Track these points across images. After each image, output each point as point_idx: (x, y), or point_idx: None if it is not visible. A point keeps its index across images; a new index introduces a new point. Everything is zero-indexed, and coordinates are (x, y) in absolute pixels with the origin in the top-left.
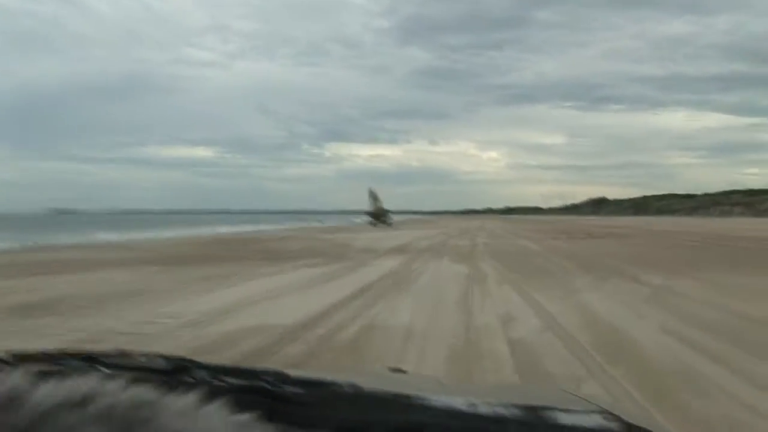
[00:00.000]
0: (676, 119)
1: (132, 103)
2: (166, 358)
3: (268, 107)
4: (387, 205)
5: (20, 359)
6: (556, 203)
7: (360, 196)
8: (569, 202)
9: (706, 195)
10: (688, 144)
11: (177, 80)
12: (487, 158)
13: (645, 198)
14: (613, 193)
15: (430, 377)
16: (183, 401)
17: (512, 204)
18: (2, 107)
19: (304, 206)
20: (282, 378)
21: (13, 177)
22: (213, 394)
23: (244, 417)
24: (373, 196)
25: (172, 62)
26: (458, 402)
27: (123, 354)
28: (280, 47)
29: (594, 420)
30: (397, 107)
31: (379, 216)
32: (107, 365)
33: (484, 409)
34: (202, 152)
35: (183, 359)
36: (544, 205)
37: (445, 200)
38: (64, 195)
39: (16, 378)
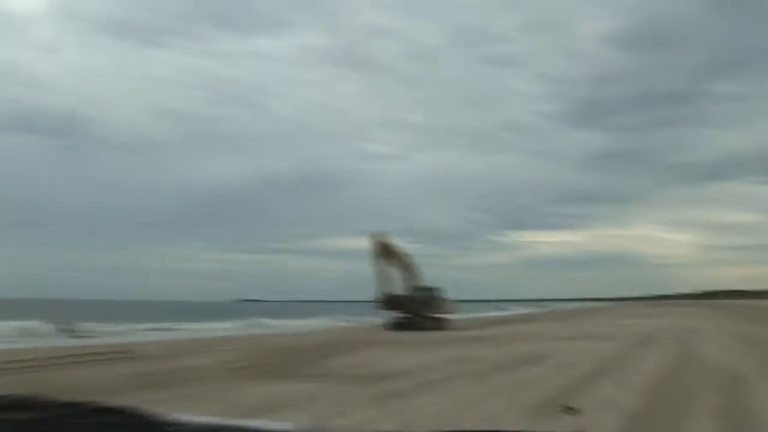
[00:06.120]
0: None
1: (310, 197)
2: None
3: (444, 197)
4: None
5: None
6: (765, 285)
7: (544, 284)
8: None
9: None
10: None
11: (353, 173)
12: (676, 240)
13: None
14: None
15: None
16: None
17: (708, 288)
18: (194, 205)
19: (486, 295)
20: None
21: (202, 268)
22: None
23: None
24: (394, 256)
25: (347, 156)
26: None
27: None
28: (451, 137)
29: None
30: (576, 192)
31: (411, 306)
32: None
33: None
34: None
35: None
36: (750, 288)
37: (632, 285)
38: (246, 285)
39: None
